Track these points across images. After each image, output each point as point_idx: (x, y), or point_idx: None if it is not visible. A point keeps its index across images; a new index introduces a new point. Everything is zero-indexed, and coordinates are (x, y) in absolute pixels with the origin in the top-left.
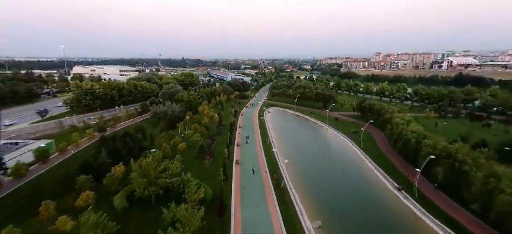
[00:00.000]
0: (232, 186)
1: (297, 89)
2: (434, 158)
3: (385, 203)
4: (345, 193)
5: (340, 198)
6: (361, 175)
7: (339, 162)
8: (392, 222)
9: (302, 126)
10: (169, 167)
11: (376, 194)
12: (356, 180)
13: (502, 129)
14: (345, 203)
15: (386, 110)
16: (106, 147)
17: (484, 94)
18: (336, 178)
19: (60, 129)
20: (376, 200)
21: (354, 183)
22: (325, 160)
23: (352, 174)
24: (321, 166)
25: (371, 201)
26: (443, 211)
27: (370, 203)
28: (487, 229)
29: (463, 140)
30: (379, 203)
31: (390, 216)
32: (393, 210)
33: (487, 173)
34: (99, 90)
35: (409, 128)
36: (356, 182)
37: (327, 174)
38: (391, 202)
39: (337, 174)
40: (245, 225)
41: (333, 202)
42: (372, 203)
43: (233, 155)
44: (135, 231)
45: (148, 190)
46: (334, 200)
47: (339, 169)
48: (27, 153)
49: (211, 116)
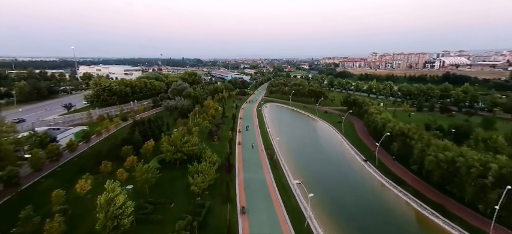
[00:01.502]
0: (236, 158)
1: (292, 87)
2: (392, 136)
3: (352, 169)
4: (322, 163)
5: (318, 165)
6: (337, 151)
7: (322, 142)
8: (356, 181)
9: (295, 117)
10: (189, 139)
11: (347, 163)
12: (333, 155)
13: (462, 119)
14: (321, 169)
15: (366, 103)
16: (138, 129)
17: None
18: (317, 153)
19: (89, 119)
20: (346, 167)
21: (331, 157)
22: (310, 141)
23: (330, 151)
24: (307, 145)
25: (342, 168)
26: (394, 173)
27: (341, 170)
28: (421, 182)
29: (426, 126)
30: (348, 169)
31: (355, 177)
32: (358, 173)
33: (423, 144)
34: (116, 87)
35: (380, 116)
36: (333, 156)
37: (310, 150)
38: (357, 169)
39: (318, 150)
40: (246, 182)
41: (312, 168)
42: (342, 169)
43: (236, 138)
44: (168, 181)
45: (175, 155)
46: (313, 167)
47: (320, 147)
48: (70, 135)
49: (216, 109)
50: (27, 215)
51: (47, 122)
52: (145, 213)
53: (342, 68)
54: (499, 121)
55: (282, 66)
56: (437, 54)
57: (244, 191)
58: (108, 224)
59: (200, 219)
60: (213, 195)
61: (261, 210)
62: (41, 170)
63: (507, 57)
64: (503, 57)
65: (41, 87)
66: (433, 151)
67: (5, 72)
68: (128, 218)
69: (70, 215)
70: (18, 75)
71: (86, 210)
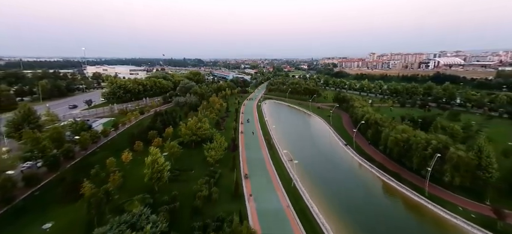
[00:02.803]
0: (239, 142)
1: (289, 85)
2: (368, 125)
3: (334, 151)
4: (310, 145)
5: (307, 148)
6: (324, 137)
7: (312, 131)
8: (335, 158)
9: (290, 112)
10: (202, 126)
11: (331, 146)
12: (320, 140)
13: (435, 113)
14: (309, 150)
15: (352, 99)
16: (159, 118)
17: (437, 89)
18: (307, 138)
19: (111, 112)
20: (329, 149)
21: (318, 142)
22: (302, 130)
23: (318, 137)
24: (299, 133)
25: (326, 150)
26: (367, 153)
27: (325, 150)
28: (385, 159)
29: (402, 118)
30: (331, 151)
31: (335, 156)
32: (339, 154)
33: (389, 129)
34: (130, 85)
35: (361, 109)
36: (320, 141)
37: (301, 137)
38: (338, 151)
39: (308, 137)
40: (248, 158)
41: (302, 149)
42: (326, 150)
43: (239, 127)
44: (187, 157)
45: (191, 138)
46: (303, 148)
47: (310, 135)
48: (99, 124)
49: (220, 104)
50: (96, 171)
51: (75, 115)
52: (175, 175)
53: (340, 68)
54: (466, 114)
55: (281, 67)
56: (434, 55)
57: (247, 164)
58: (153, 176)
59: (215, 180)
60: (223, 166)
61: (259, 176)
62: (86, 149)
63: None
64: (498, 58)
65: (60, 85)
66: (394, 134)
67: (22, 72)
68: (167, 173)
69: (121, 174)
70: (34, 74)
71: (130, 173)
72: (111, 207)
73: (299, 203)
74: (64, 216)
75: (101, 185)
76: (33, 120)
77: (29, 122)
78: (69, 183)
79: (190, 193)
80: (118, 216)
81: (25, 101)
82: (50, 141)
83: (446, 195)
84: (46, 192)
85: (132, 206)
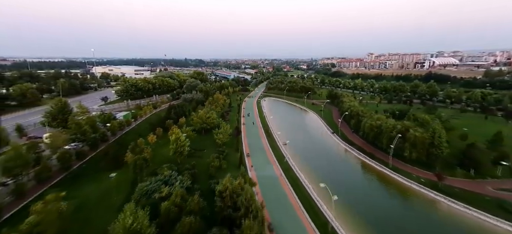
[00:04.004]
0: (241, 130)
1: (287, 84)
2: (352, 116)
3: (322, 138)
4: (302, 133)
5: (299, 135)
6: (314, 127)
7: (305, 123)
8: (323, 143)
9: (287, 107)
10: (211, 116)
11: (320, 134)
12: (310, 129)
13: (416, 107)
14: (301, 136)
15: (342, 96)
16: (173, 110)
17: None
18: (300, 128)
19: (127, 107)
20: (318, 136)
21: (309, 130)
22: (296, 122)
23: (309, 127)
24: (293, 124)
25: (315, 136)
26: (350, 139)
27: (314, 137)
28: (364, 143)
29: (384, 111)
30: (319, 137)
31: (322, 141)
32: (325, 140)
33: (367, 118)
34: (141, 84)
35: (348, 104)
36: (310, 130)
37: (295, 127)
38: (325, 137)
39: (301, 127)
40: (249, 143)
41: (294, 136)
42: (315, 137)
43: (241, 119)
44: (199, 140)
45: (202, 125)
46: (296, 135)
47: (303, 125)
48: (120, 116)
49: (224, 100)
50: (133, 146)
51: (96, 109)
52: (191, 152)
53: (338, 68)
54: (444, 109)
55: (281, 67)
56: (431, 55)
57: (248, 146)
58: (177, 150)
59: (223, 156)
60: (228, 147)
61: (258, 155)
62: (115, 134)
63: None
64: (493, 58)
65: (75, 84)
66: (370, 121)
67: (37, 72)
68: (187, 149)
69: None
70: (47, 74)
71: (155, 152)
72: (147, 172)
73: (289, 173)
74: (107, 181)
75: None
76: (67, 112)
77: (63, 114)
78: (112, 155)
79: (205, 164)
80: (154, 177)
81: (45, 97)
82: (89, 127)
83: (405, 166)
84: (91, 164)
85: (163, 170)
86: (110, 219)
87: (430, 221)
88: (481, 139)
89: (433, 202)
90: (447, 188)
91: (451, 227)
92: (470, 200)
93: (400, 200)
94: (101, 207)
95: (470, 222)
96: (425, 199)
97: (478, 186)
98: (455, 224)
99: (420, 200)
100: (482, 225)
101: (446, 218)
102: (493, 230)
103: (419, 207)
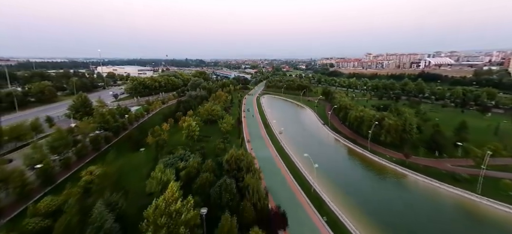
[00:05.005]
0: (242, 122)
1: (285, 82)
2: (341, 109)
3: (314, 128)
4: (296, 125)
5: (293, 126)
6: (308, 120)
7: (299, 116)
8: (314, 132)
9: (284, 103)
10: (215, 109)
11: (312, 125)
12: (304, 121)
13: (402, 103)
14: (295, 127)
15: (335, 93)
16: (181, 104)
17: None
18: (295, 120)
19: (138, 103)
20: (310, 127)
21: (302, 122)
22: (291, 115)
23: (303, 119)
24: (289, 117)
25: (308, 127)
26: (338, 129)
27: (307, 127)
28: (350, 131)
29: (372, 106)
30: (311, 128)
31: (314, 131)
32: (317, 130)
33: (353, 111)
34: (148, 82)
35: (339, 99)
36: (304, 122)
37: (291, 119)
38: (317, 128)
39: (296, 119)
40: (249, 132)
41: (289, 127)
42: (308, 128)
43: (241, 113)
44: (205, 130)
45: (207, 117)
46: (290, 126)
47: (297, 118)
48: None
49: (226, 97)
50: (152, 131)
51: (110, 105)
52: (199, 138)
53: (336, 68)
54: (427, 104)
55: (280, 67)
56: (429, 55)
57: (249, 134)
58: (189, 135)
59: (227, 141)
60: (231, 135)
61: (257, 141)
62: (132, 124)
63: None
64: (489, 58)
65: (86, 83)
66: (355, 112)
67: (48, 72)
68: (197, 133)
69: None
70: (57, 74)
71: (169, 139)
72: (165, 151)
73: (283, 153)
74: (138, 154)
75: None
76: (88, 106)
77: (85, 107)
78: (134, 139)
79: (212, 147)
80: (171, 155)
81: (59, 95)
82: (111, 117)
83: (381, 149)
84: (116, 146)
85: (178, 150)
86: (143, 182)
87: (397, 188)
88: (451, 128)
89: (402, 175)
90: (413, 165)
91: (414, 192)
92: (431, 174)
93: (374, 173)
94: (132, 175)
95: (429, 189)
96: (395, 173)
97: (439, 163)
98: (417, 191)
99: (391, 174)
100: (437, 191)
101: (411, 187)
102: (445, 195)
103: (389, 179)
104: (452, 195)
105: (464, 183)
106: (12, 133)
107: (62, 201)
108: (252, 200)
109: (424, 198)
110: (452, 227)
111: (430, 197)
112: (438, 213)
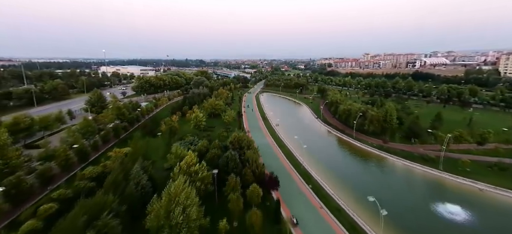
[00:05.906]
0: (243, 115)
1: (283, 81)
2: (332, 104)
3: (307, 121)
4: (292, 118)
5: (289, 119)
6: (303, 114)
7: (295, 111)
8: (307, 124)
9: (281, 100)
10: (218, 103)
11: (307, 120)
12: (299, 115)
13: (391, 99)
14: (291, 120)
15: (329, 90)
16: (187, 100)
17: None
18: (290, 114)
19: (146, 99)
20: (304, 120)
21: (297, 116)
22: (288, 110)
23: (298, 114)
24: (285, 112)
25: (302, 120)
26: (330, 122)
27: (301, 120)
28: (340, 123)
29: (363, 101)
30: (305, 121)
31: (307, 123)
32: (310, 122)
33: (343, 105)
34: (154, 81)
35: (331, 95)
36: (299, 116)
37: (287, 114)
38: (310, 120)
39: (291, 114)
40: (249, 124)
41: (286, 120)
42: (302, 120)
43: (242, 109)
44: (209, 122)
45: (211, 111)
46: (287, 119)
47: (293, 112)
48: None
49: (227, 94)
50: (165, 121)
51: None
52: (205, 128)
53: (334, 67)
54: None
55: (279, 67)
56: (425, 55)
57: (249, 126)
58: (196, 124)
59: (229, 131)
60: (233, 126)
61: (257, 132)
62: (144, 116)
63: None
64: (485, 57)
65: (94, 82)
66: (344, 106)
67: (56, 72)
68: (203, 123)
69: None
70: (64, 73)
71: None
72: (176, 138)
73: (279, 141)
74: (156, 139)
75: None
76: (103, 101)
77: (100, 102)
78: (148, 128)
79: (216, 136)
80: (182, 141)
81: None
82: (126, 110)
83: (364, 137)
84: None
85: (187, 137)
86: (162, 160)
87: (374, 166)
88: (430, 120)
89: (380, 158)
90: (390, 149)
91: (389, 170)
92: (405, 156)
93: (355, 156)
94: (153, 154)
95: (401, 167)
96: (374, 156)
97: (414, 148)
98: (390, 168)
99: (370, 156)
100: (409, 168)
101: (388, 167)
102: (415, 172)
103: (369, 160)
104: (420, 172)
105: (431, 162)
106: (41, 123)
107: (101, 171)
108: (251, 168)
109: (396, 174)
110: (408, 188)
111: (401, 173)
112: (405, 183)
